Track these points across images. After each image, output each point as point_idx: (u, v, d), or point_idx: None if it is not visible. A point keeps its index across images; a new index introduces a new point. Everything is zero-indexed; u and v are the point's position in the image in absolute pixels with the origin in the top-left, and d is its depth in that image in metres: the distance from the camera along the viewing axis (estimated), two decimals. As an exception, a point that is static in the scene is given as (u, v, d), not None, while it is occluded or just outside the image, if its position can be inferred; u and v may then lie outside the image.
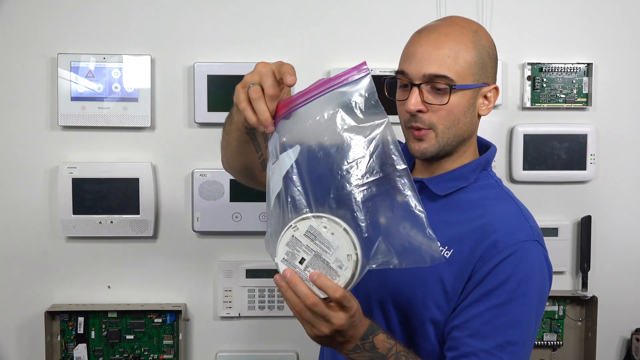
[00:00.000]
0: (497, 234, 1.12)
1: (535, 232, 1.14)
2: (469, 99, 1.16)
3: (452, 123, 1.16)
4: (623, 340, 1.93)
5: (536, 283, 1.11)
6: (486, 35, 1.20)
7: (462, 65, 1.15)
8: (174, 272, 1.86)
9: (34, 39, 1.79)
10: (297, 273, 0.97)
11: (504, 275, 1.09)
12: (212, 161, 1.83)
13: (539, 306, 1.13)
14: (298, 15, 1.82)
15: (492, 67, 1.19)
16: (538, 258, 1.12)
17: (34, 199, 1.82)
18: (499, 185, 1.22)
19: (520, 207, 1.18)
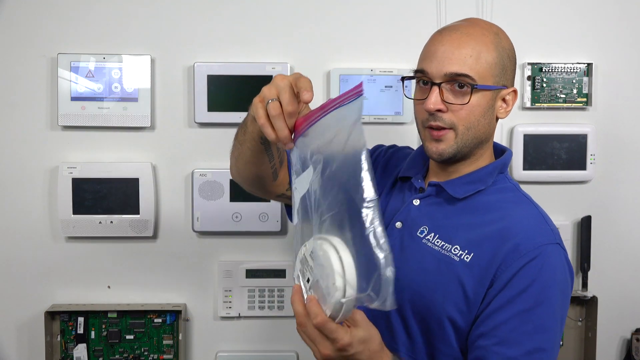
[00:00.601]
0: (517, 237, 1.11)
1: (556, 235, 1.14)
2: (488, 100, 1.16)
3: (472, 124, 1.16)
4: (623, 340, 1.93)
5: (559, 286, 1.10)
6: (506, 38, 1.20)
7: (483, 66, 1.14)
8: (174, 272, 1.86)
9: (34, 39, 1.79)
10: (304, 291, 0.95)
11: (528, 280, 1.08)
12: (212, 161, 1.83)
13: (563, 309, 1.13)
14: (298, 15, 1.82)
15: (512, 70, 1.20)
16: (560, 261, 1.12)
17: (34, 199, 1.82)
18: (516, 188, 1.22)
19: (539, 210, 1.18)
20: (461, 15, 1.81)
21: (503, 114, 1.20)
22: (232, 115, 1.80)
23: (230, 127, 1.83)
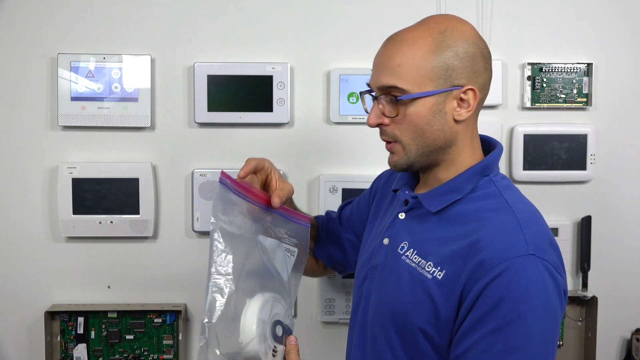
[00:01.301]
0: (484, 252, 1.03)
1: (531, 244, 1.03)
2: (431, 106, 1.09)
3: (416, 134, 1.11)
4: (623, 340, 1.93)
5: (537, 302, 1.00)
6: (459, 33, 1.10)
7: (417, 72, 1.08)
8: (174, 272, 1.86)
9: (34, 39, 1.79)
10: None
11: (496, 297, 1.00)
12: (212, 161, 1.83)
13: (546, 327, 1.01)
14: (298, 15, 1.82)
15: (466, 67, 1.09)
16: (535, 273, 1.01)
17: (34, 199, 1.82)
18: (500, 193, 1.12)
19: (518, 217, 1.07)
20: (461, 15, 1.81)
21: (462, 115, 1.10)
22: (232, 115, 1.80)
23: (230, 127, 1.83)
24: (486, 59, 1.12)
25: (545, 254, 1.03)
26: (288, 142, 1.83)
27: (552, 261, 1.04)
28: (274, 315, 1.13)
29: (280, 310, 1.14)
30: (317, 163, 1.84)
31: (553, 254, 1.05)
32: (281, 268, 1.19)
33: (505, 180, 1.17)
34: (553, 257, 1.05)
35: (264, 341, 1.09)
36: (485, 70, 1.12)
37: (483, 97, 1.13)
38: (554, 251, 1.06)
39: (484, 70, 1.12)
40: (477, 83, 1.10)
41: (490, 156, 1.15)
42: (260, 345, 1.08)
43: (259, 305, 1.10)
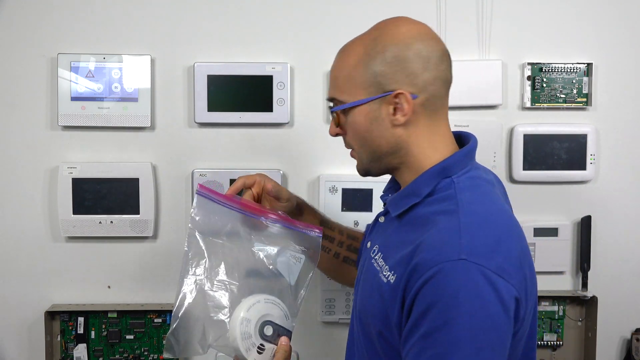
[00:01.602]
0: (419, 256, 1.01)
1: (465, 249, 0.98)
2: (367, 114, 1.11)
3: (362, 141, 1.13)
4: (623, 340, 1.93)
5: (467, 308, 0.95)
6: (390, 38, 1.11)
7: (349, 83, 1.11)
8: (174, 272, 1.85)
9: (34, 39, 1.79)
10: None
11: (427, 302, 0.98)
12: (212, 161, 1.83)
13: (479, 334, 0.96)
14: (298, 15, 1.82)
15: (396, 72, 1.08)
16: (466, 279, 0.96)
17: (34, 199, 1.82)
18: (455, 194, 1.08)
19: (462, 220, 1.02)
20: (461, 15, 1.83)
21: (400, 120, 1.09)
22: (232, 115, 1.80)
23: (230, 127, 1.83)
24: (426, 59, 1.09)
25: (481, 259, 0.98)
26: (288, 142, 1.83)
27: (492, 266, 0.98)
28: (264, 316, 1.21)
29: (274, 312, 1.23)
30: (317, 163, 1.84)
31: (497, 259, 0.99)
32: (286, 273, 1.26)
33: (473, 180, 1.11)
34: (495, 262, 0.98)
35: (247, 338, 1.19)
36: (426, 70, 1.09)
37: (430, 97, 1.10)
38: (500, 256, 1.00)
39: (424, 70, 1.09)
40: (414, 85, 1.09)
41: (451, 156, 1.12)
42: (243, 341, 1.19)
43: (247, 305, 1.21)
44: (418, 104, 1.09)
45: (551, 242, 1.87)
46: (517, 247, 1.04)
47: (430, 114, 1.11)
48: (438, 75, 1.10)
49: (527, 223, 1.86)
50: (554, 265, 1.88)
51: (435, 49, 1.11)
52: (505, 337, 0.99)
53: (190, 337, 1.23)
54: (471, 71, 1.81)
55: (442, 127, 1.14)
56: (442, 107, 1.13)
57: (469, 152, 1.14)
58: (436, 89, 1.10)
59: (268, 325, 1.21)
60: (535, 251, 1.86)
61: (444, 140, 1.14)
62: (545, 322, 1.90)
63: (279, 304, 1.25)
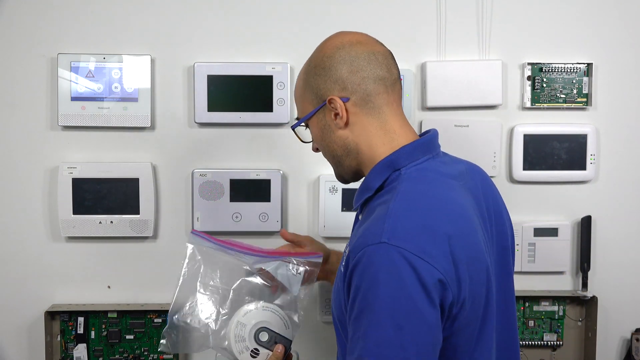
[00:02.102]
0: (351, 244, 1.08)
1: (386, 232, 1.01)
2: (317, 124, 1.22)
3: (324, 150, 1.24)
4: (623, 340, 1.93)
5: (385, 289, 0.98)
6: (318, 52, 1.21)
7: (300, 101, 1.24)
8: (174, 272, 1.85)
9: (34, 39, 1.79)
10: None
11: (355, 286, 1.03)
12: (212, 161, 1.84)
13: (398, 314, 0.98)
14: (298, 15, 1.82)
15: (325, 81, 1.18)
16: (386, 260, 0.99)
17: (34, 199, 1.82)
18: (397, 186, 1.11)
19: (391, 207, 1.06)
20: (461, 15, 1.83)
21: (340, 123, 1.17)
22: (232, 115, 1.80)
23: (230, 127, 1.83)
24: (350, 63, 1.16)
25: (401, 242, 1.00)
26: (288, 142, 1.83)
27: (412, 248, 1.00)
28: (260, 322, 1.30)
29: (272, 319, 1.31)
30: (317, 163, 1.84)
31: (418, 242, 1.01)
32: (289, 284, 1.36)
33: (420, 172, 1.14)
34: (416, 244, 1.01)
35: (240, 341, 1.28)
36: (352, 73, 1.16)
37: (363, 97, 1.16)
38: (422, 239, 1.02)
39: (350, 74, 1.16)
40: (344, 89, 1.16)
41: (398, 150, 1.16)
42: (236, 343, 1.28)
43: (244, 311, 1.31)
44: (351, 105, 1.17)
45: (551, 242, 1.87)
46: (447, 232, 1.04)
47: (371, 112, 1.17)
48: (366, 76, 1.16)
49: (527, 223, 1.86)
50: (554, 265, 1.88)
51: (359, 52, 1.17)
52: (428, 318, 1.00)
53: (186, 335, 1.31)
54: (471, 71, 1.81)
55: (389, 123, 1.18)
56: (386, 104, 1.18)
57: (421, 144, 1.17)
58: (367, 88, 1.16)
59: (264, 332, 1.29)
60: (535, 251, 1.86)
61: (392, 135, 1.17)
62: (545, 322, 1.90)
63: (278, 312, 1.32)
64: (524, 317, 1.90)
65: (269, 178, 1.81)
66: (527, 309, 1.90)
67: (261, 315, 1.30)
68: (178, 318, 1.32)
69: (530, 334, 1.90)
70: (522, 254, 1.87)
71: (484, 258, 1.12)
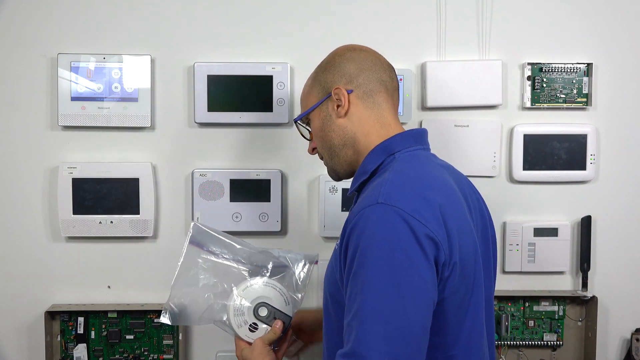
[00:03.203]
0: (351, 212, 1.14)
1: (382, 195, 1.09)
2: (319, 115, 1.29)
3: (322, 142, 1.30)
4: (623, 340, 1.93)
5: (383, 245, 1.05)
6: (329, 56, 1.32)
7: (307, 99, 1.32)
8: (174, 272, 1.86)
9: (34, 39, 1.79)
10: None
11: (353, 246, 1.08)
12: (212, 161, 1.84)
13: (397, 268, 1.04)
14: (298, 15, 1.82)
15: (333, 75, 1.28)
16: (382, 219, 1.06)
17: (34, 199, 1.82)
18: (392, 165, 1.19)
19: (387, 178, 1.13)
20: (461, 16, 1.83)
21: (341, 112, 1.26)
22: (232, 115, 1.80)
23: (230, 127, 1.83)
24: (358, 62, 1.27)
25: (399, 202, 1.07)
26: (288, 142, 1.83)
27: (407, 208, 1.07)
28: (260, 297, 1.33)
29: (272, 295, 1.34)
30: (317, 163, 1.83)
31: (413, 204, 1.08)
32: (291, 262, 1.39)
33: (413, 154, 1.22)
34: (411, 206, 1.07)
35: (239, 315, 1.32)
36: (359, 71, 1.26)
37: (366, 91, 1.26)
38: (417, 202, 1.09)
39: (357, 71, 1.26)
40: (349, 82, 1.26)
41: (393, 136, 1.24)
42: (235, 317, 1.32)
43: (245, 285, 1.34)
44: (354, 97, 1.26)
45: (551, 242, 1.87)
46: (438, 201, 1.12)
47: (370, 106, 1.26)
48: (371, 76, 1.27)
49: (527, 223, 1.86)
50: (554, 265, 1.88)
51: (367, 57, 1.29)
52: (423, 272, 1.06)
53: (186, 307, 1.35)
54: (471, 71, 1.81)
55: (385, 117, 1.26)
56: (385, 102, 1.27)
57: (414, 134, 1.25)
58: (371, 86, 1.26)
59: (263, 307, 1.32)
60: (535, 251, 1.86)
61: (387, 127, 1.26)
62: (545, 322, 1.90)
63: (280, 289, 1.35)
64: (524, 317, 1.90)
65: (269, 178, 1.81)
66: (527, 309, 1.89)
67: (262, 291, 1.33)
68: (179, 289, 1.35)
69: (530, 334, 1.90)
70: (522, 254, 1.87)
71: (472, 233, 1.18)
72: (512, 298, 1.89)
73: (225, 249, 1.40)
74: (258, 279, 1.35)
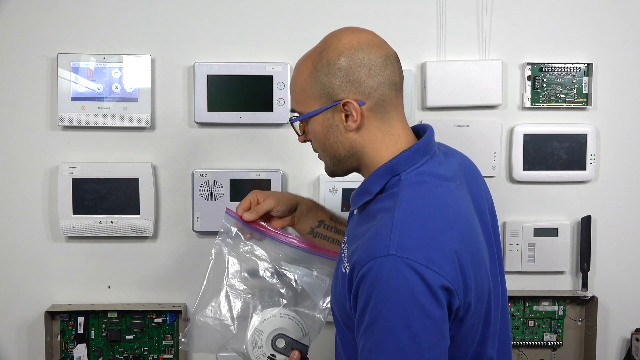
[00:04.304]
0: (358, 253, 1.08)
1: (394, 244, 1.04)
2: (322, 122, 1.18)
3: (322, 148, 1.22)
4: (623, 340, 1.93)
5: (397, 299, 1.01)
6: (334, 50, 1.16)
7: (303, 95, 1.19)
8: (174, 272, 1.86)
9: (34, 39, 1.79)
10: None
11: (364, 297, 1.04)
12: (212, 161, 1.84)
13: (412, 323, 1.02)
14: (298, 15, 1.82)
15: (341, 82, 1.14)
16: (395, 273, 1.02)
17: (34, 199, 1.82)
18: (398, 192, 1.12)
19: (396, 217, 1.07)
20: (461, 16, 1.83)
21: (352, 126, 1.15)
22: (232, 115, 1.80)
23: (230, 127, 1.83)
24: (369, 66, 1.14)
25: (410, 253, 1.03)
26: (288, 142, 1.83)
27: (420, 259, 1.03)
28: (278, 329, 1.32)
29: (290, 326, 1.33)
30: (317, 163, 1.81)
31: (426, 252, 1.04)
32: (312, 292, 1.38)
33: (421, 176, 1.15)
34: (424, 254, 1.03)
35: (257, 347, 1.31)
36: (370, 77, 1.14)
37: (378, 101, 1.15)
38: (430, 249, 1.04)
39: (368, 77, 1.14)
40: (360, 92, 1.14)
41: (398, 155, 1.16)
42: (254, 350, 1.31)
43: (262, 317, 1.33)
44: (366, 109, 1.15)
45: (551, 242, 1.87)
46: (453, 241, 1.07)
47: (381, 117, 1.17)
48: (383, 80, 1.15)
49: (527, 223, 1.86)
50: (554, 265, 1.88)
51: (377, 55, 1.16)
52: (441, 323, 1.03)
53: (206, 335, 1.33)
54: (471, 71, 1.81)
55: (394, 127, 1.18)
56: (394, 108, 1.18)
57: (420, 149, 1.17)
58: (383, 93, 1.15)
59: (280, 338, 1.31)
60: (535, 251, 1.86)
61: (396, 139, 1.18)
62: (545, 322, 1.90)
63: (296, 319, 1.35)
64: (524, 317, 1.90)
65: (269, 178, 1.81)
66: (527, 309, 1.90)
67: (279, 322, 1.33)
68: (200, 318, 1.34)
69: (530, 334, 1.90)
70: (522, 254, 1.87)
71: (485, 259, 1.15)
72: (512, 298, 1.89)
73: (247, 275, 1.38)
74: (275, 310, 1.34)
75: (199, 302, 1.34)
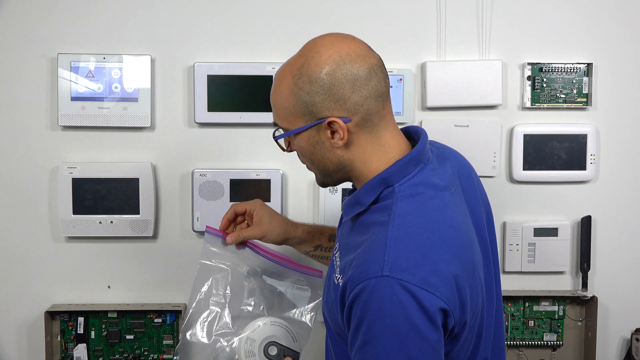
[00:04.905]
0: (351, 270, 1.06)
1: (388, 265, 1.01)
2: (308, 139, 1.14)
3: (309, 162, 1.18)
4: (623, 340, 1.93)
5: (392, 321, 0.99)
6: (314, 66, 1.09)
7: (285, 112, 1.13)
8: (174, 272, 1.86)
9: (34, 39, 1.79)
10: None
11: (357, 318, 1.03)
12: (212, 161, 1.84)
13: (408, 345, 1.00)
14: (298, 15, 1.82)
15: (324, 100, 1.09)
16: (389, 294, 0.99)
17: (34, 199, 1.82)
18: (391, 205, 1.09)
19: (389, 234, 1.05)
20: (461, 16, 1.83)
21: (339, 143, 1.11)
22: (232, 115, 1.80)
23: (230, 127, 1.83)
24: (352, 81, 1.09)
25: (404, 274, 1.00)
26: (288, 142, 1.83)
27: (415, 280, 1.00)
28: (269, 337, 1.34)
29: (280, 334, 1.35)
30: (317, 163, 1.84)
31: (421, 273, 1.01)
32: (295, 300, 1.42)
33: (415, 188, 1.11)
34: (418, 276, 1.01)
35: (250, 356, 1.33)
36: (354, 92, 1.09)
37: (364, 116, 1.10)
38: (425, 269, 1.02)
39: (352, 93, 1.09)
40: (345, 110, 1.09)
41: (390, 167, 1.12)
42: (247, 358, 1.33)
43: (253, 326, 1.35)
44: (353, 126, 1.10)
45: (551, 242, 1.87)
46: (449, 260, 1.04)
47: (369, 130, 1.12)
48: (368, 94, 1.10)
49: (527, 223, 1.86)
50: (554, 265, 1.88)
51: (360, 68, 1.10)
52: (437, 346, 1.02)
53: (198, 351, 1.35)
54: (471, 71, 1.81)
55: (384, 137, 1.14)
56: (382, 119, 1.13)
57: (413, 159, 1.13)
58: (369, 107, 1.10)
59: (272, 346, 1.33)
60: (535, 251, 1.86)
61: (387, 149, 1.14)
62: (545, 322, 1.90)
63: (286, 326, 1.37)
64: (524, 317, 1.90)
65: (269, 178, 1.81)
66: (527, 309, 1.90)
67: (270, 330, 1.35)
68: (191, 335, 1.35)
69: (530, 334, 1.90)
70: (522, 254, 1.87)
71: (480, 273, 1.13)
72: (512, 298, 1.89)
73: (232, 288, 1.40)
74: (265, 319, 1.37)
75: (188, 319, 1.36)
